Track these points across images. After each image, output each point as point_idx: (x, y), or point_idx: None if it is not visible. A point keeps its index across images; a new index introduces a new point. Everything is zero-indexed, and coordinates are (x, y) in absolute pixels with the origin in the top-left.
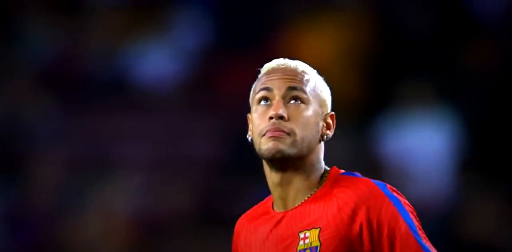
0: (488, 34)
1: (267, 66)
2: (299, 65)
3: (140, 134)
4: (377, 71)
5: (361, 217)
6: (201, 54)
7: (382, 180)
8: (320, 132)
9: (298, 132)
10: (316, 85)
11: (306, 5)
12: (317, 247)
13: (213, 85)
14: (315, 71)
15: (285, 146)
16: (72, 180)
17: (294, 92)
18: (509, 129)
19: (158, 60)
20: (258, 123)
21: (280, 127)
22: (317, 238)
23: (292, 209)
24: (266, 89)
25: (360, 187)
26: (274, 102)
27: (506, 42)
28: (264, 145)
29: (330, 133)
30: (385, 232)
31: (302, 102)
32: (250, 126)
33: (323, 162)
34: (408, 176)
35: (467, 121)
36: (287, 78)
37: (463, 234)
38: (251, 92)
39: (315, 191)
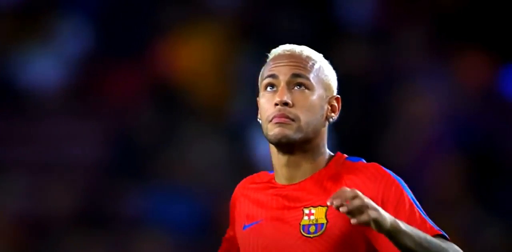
0: (355, 39)
1: (273, 52)
2: (304, 51)
3: (25, 137)
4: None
5: (369, 196)
6: (84, 60)
7: None
8: (325, 115)
9: (303, 118)
10: (321, 70)
11: (185, 13)
12: (323, 224)
13: (96, 90)
14: (321, 55)
15: (290, 132)
16: None
17: (298, 79)
18: (376, 129)
19: (42, 66)
20: (265, 108)
21: (285, 113)
22: (323, 216)
23: (296, 184)
24: (272, 76)
25: (369, 170)
26: (280, 88)
27: (373, 47)
28: (270, 131)
29: (335, 115)
30: (392, 208)
31: (306, 88)
32: (259, 110)
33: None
34: None
35: (334, 125)
36: (292, 65)
37: None
38: (259, 77)
39: (319, 170)
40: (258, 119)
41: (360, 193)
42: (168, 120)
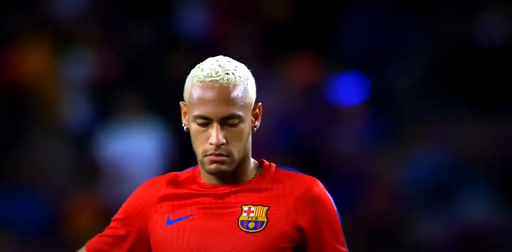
0: (190, 49)
1: (200, 77)
2: (231, 79)
3: None
4: (97, 85)
5: (309, 212)
6: None
7: (102, 180)
8: (251, 127)
9: (236, 151)
10: (246, 92)
11: (28, 22)
12: (263, 222)
13: None
14: (242, 67)
15: (225, 167)
16: None
17: (230, 120)
18: None
19: None
20: (198, 140)
21: (221, 152)
22: (264, 215)
23: (229, 186)
24: (203, 118)
25: (311, 184)
26: (212, 126)
27: (207, 57)
28: (206, 165)
29: (258, 123)
30: (326, 228)
31: (238, 122)
32: (183, 114)
33: None
34: (123, 177)
35: (174, 128)
36: (221, 105)
37: None
38: (189, 89)
39: (253, 177)
40: (183, 125)
41: None
42: (13, 123)
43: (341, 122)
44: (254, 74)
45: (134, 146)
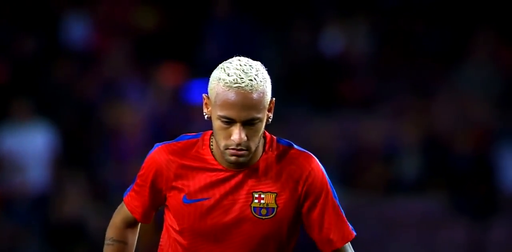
0: (73, 58)
1: (227, 82)
2: (253, 85)
3: None
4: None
5: (307, 188)
6: None
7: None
8: (266, 120)
9: (254, 145)
10: (265, 94)
11: None
12: (274, 208)
13: None
14: (261, 70)
15: (244, 159)
16: None
17: (251, 121)
18: (92, 138)
19: None
20: (221, 135)
21: (241, 147)
22: (273, 201)
23: (241, 171)
24: (227, 118)
25: (311, 162)
26: (234, 125)
27: (87, 65)
28: (226, 156)
29: (271, 115)
30: (320, 201)
31: (258, 122)
32: (205, 104)
33: None
34: (17, 169)
35: (60, 128)
36: (244, 110)
37: (57, 214)
38: (213, 86)
39: (260, 156)
40: (204, 114)
41: None
42: None
43: (198, 120)
44: (130, 81)
45: (26, 143)
